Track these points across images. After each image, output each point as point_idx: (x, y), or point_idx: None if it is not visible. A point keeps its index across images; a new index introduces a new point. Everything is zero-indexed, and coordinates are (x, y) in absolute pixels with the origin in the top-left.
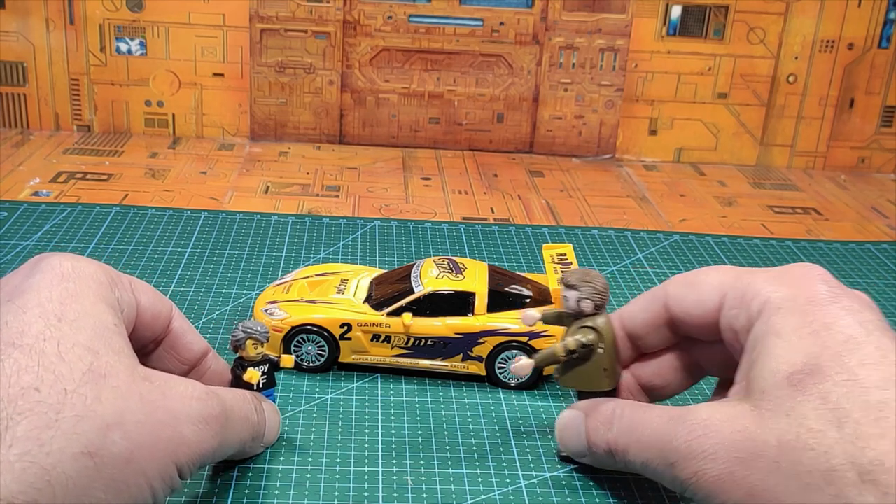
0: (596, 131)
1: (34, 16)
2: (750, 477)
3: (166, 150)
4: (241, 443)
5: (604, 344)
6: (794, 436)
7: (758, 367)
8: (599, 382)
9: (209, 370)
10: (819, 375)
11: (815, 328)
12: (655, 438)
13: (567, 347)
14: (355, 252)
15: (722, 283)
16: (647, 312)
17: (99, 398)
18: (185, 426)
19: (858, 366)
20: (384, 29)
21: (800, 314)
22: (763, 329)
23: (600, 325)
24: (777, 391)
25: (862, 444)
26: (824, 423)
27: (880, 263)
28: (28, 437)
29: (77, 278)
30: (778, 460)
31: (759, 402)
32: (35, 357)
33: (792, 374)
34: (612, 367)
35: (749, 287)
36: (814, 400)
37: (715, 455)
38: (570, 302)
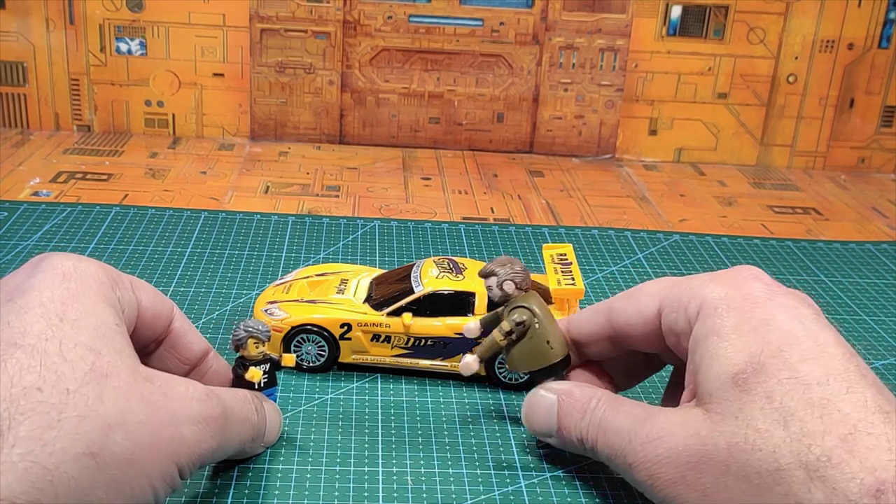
0: (596, 131)
1: (34, 16)
2: (702, 480)
3: (166, 150)
4: (241, 443)
5: (538, 318)
6: (742, 437)
7: (703, 370)
8: (547, 356)
9: (210, 370)
10: (763, 374)
11: (753, 325)
12: (618, 438)
13: (503, 330)
14: (355, 252)
15: (659, 291)
16: (591, 324)
17: (101, 398)
18: (186, 426)
19: (799, 362)
20: (384, 29)
21: (737, 312)
22: (703, 330)
23: (530, 303)
24: (723, 393)
25: (808, 442)
26: (771, 422)
27: (880, 263)
28: (30, 437)
29: (78, 278)
30: (728, 463)
31: (709, 406)
32: (37, 357)
33: (736, 374)
34: (556, 338)
35: (685, 290)
36: (760, 400)
37: (668, 460)
38: (494, 289)
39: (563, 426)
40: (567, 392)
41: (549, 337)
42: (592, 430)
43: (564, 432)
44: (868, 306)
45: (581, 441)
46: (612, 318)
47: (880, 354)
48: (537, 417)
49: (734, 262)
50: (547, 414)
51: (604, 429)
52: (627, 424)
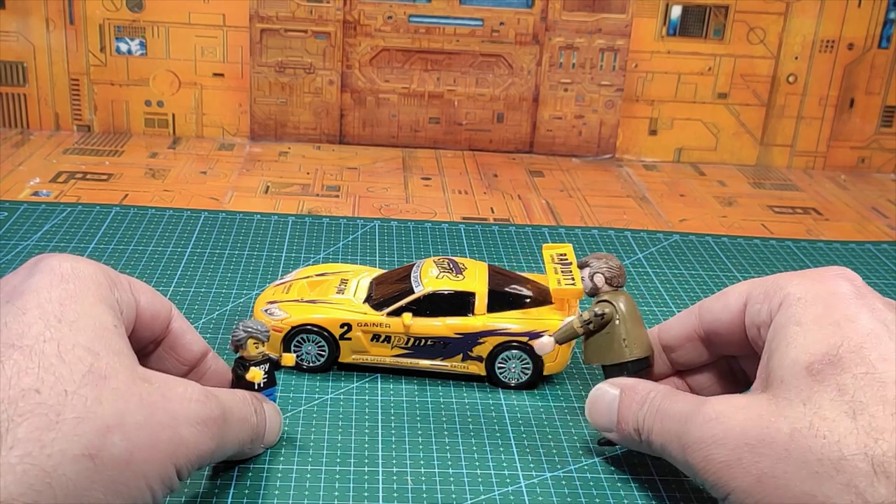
0: (596, 131)
1: (34, 16)
2: (759, 463)
3: (166, 150)
4: (240, 444)
5: (620, 315)
6: (807, 423)
7: (777, 356)
8: (621, 353)
9: (209, 370)
10: (839, 367)
11: (836, 319)
12: (674, 422)
13: (582, 318)
14: (355, 252)
15: (747, 287)
16: (682, 326)
17: (99, 399)
18: (184, 427)
19: (879, 360)
20: (384, 29)
21: (822, 305)
22: (783, 319)
23: (618, 301)
24: (795, 381)
25: (876, 436)
26: (839, 413)
27: (880, 263)
28: (29, 439)
29: (76, 279)
30: (788, 448)
31: (777, 392)
32: (35, 358)
33: (811, 363)
34: (633, 340)
35: (772, 284)
36: (831, 391)
37: (724, 441)
38: (586, 280)
39: (622, 418)
40: (630, 387)
41: (626, 335)
42: (649, 418)
43: (623, 424)
44: None
45: (637, 430)
46: (702, 317)
47: None
48: (599, 411)
49: (734, 262)
50: (608, 408)
51: (661, 415)
52: (685, 408)
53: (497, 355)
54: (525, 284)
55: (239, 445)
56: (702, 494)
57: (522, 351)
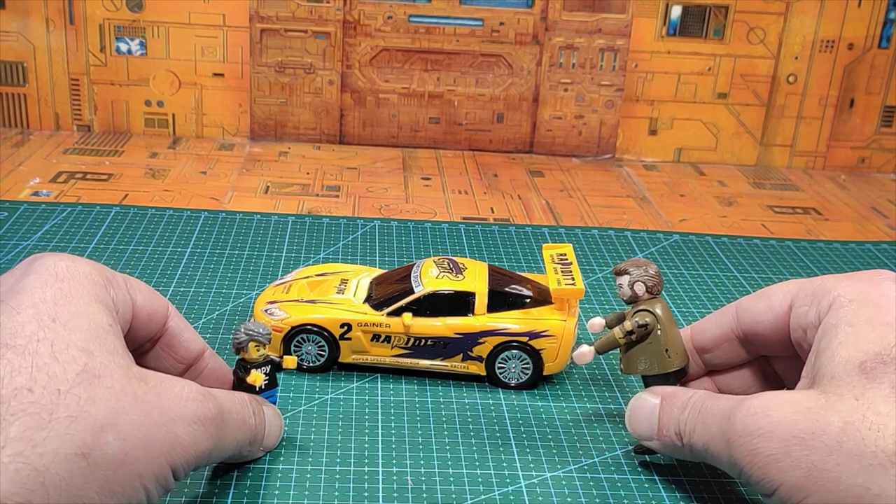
0: (596, 131)
1: (34, 16)
2: (810, 456)
3: (166, 150)
4: (238, 446)
5: (661, 324)
6: (860, 417)
7: (827, 354)
8: (665, 363)
9: (206, 369)
10: (892, 365)
11: (888, 320)
12: (718, 418)
13: (624, 329)
14: (355, 252)
15: (792, 288)
16: (718, 327)
17: (93, 399)
18: (180, 427)
19: None
20: (384, 29)
21: (873, 307)
22: (833, 320)
23: (656, 308)
24: (847, 377)
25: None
26: (893, 408)
27: (880, 263)
28: (21, 438)
29: (71, 278)
30: (840, 440)
31: (827, 388)
32: (29, 358)
33: (864, 361)
34: (676, 348)
35: (820, 286)
36: (885, 388)
37: (771, 433)
38: (625, 288)
39: (663, 424)
40: (670, 394)
41: (668, 345)
42: (691, 420)
43: (664, 430)
44: None
45: (679, 434)
46: (741, 318)
47: None
48: (640, 420)
49: (734, 262)
50: (649, 417)
51: (703, 415)
52: (728, 405)
53: (497, 355)
54: (525, 284)
55: (237, 447)
56: (702, 494)
57: (522, 351)
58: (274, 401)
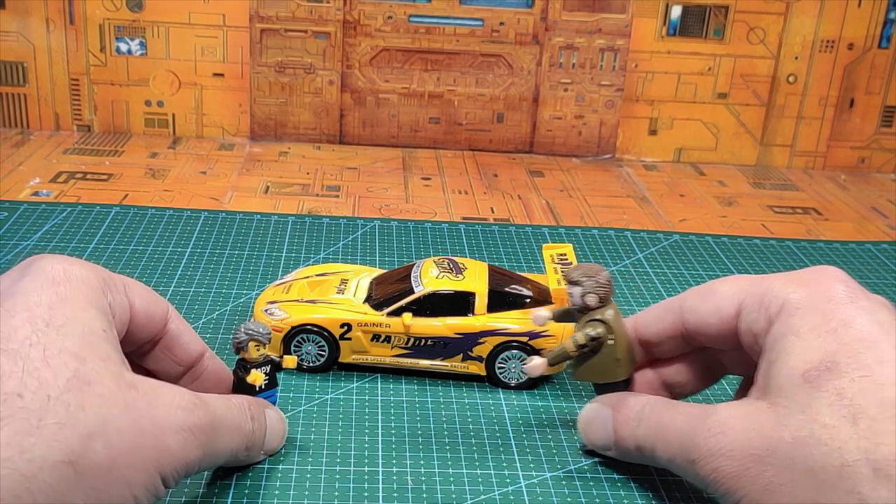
0: (596, 131)
1: (34, 16)
2: (765, 473)
3: (166, 150)
4: (232, 452)
5: (613, 335)
6: (808, 432)
7: (776, 366)
8: (614, 373)
9: (206, 371)
10: (836, 372)
11: (832, 326)
12: (678, 437)
13: (577, 342)
14: (355, 252)
15: (738, 291)
16: (662, 323)
17: (82, 405)
18: (170, 435)
19: (875, 363)
20: (384, 29)
21: (818, 313)
22: (781, 330)
23: (608, 317)
24: (793, 388)
25: (877, 441)
26: (839, 418)
27: (880, 263)
28: (9, 444)
29: (68, 282)
30: (792, 457)
31: (776, 400)
32: (20, 362)
33: (808, 370)
34: (625, 356)
35: (767, 290)
36: (829, 396)
37: (732, 453)
38: (576, 298)
39: (620, 437)
40: (621, 404)
41: (618, 355)
42: (650, 436)
43: (622, 443)
44: None
45: (639, 448)
46: (686, 317)
47: None
48: (595, 432)
49: (734, 262)
50: (604, 428)
51: (662, 432)
52: (687, 423)
53: (497, 355)
54: (525, 284)
55: (231, 453)
56: (701, 495)
57: (522, 351)
58: (274, 401)
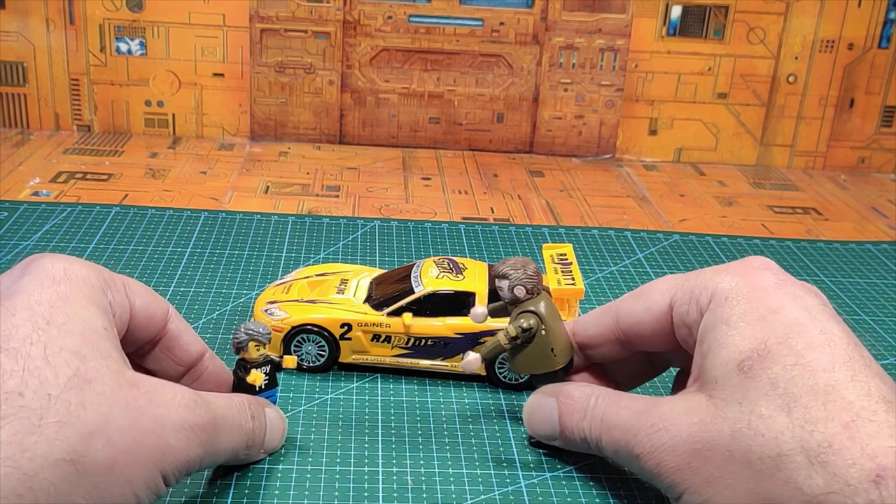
0: (596, 131)
1: (34, 16)
2: (706, 466)
3: (166, 150)
4: (233, 451)
5: (545, 325)
6: (745, 423)
7: (710, 357)
8: (550, 363)
9: (206, 371)
10: (768, 360)
11: (762, 313)
12: (623, 431)
13: (508, 334)
14: (355, 252)
15: (670, 287)
16: (598, 327)
17: (83, 404)
18: (171, 434)
19: (806, 349)
20: (384, 29)
21: (746, 301)
22: (713, 320)
23: (539, 307)
24: (729, 380)
25: (811, 428)
26: (774, 408)
27: (880, 263)
28: (11, 442)
29: (68, 281)
30: (731, 449)
31: (713, 392)
32: (20, 361)
33: (742, 361)
34: (561, 345)
35: (697, 282)
36: (764, 386)
37: (673, 448)
38: (505, 291)
39: (566, 428)
40: (566, 394)
41: (553, 344)
42: (595, 429)
43: (567, 434)
44: (868, 306)
45: (584, 440)
46: (621, 320)
47: (880, 354)
48: (540, 422)
49: None
50: (549, 418)
51: (607, 426)
52: (631, 418)
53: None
54: None
55: (232, 452)
56: None
57: None
58: (274, 400)
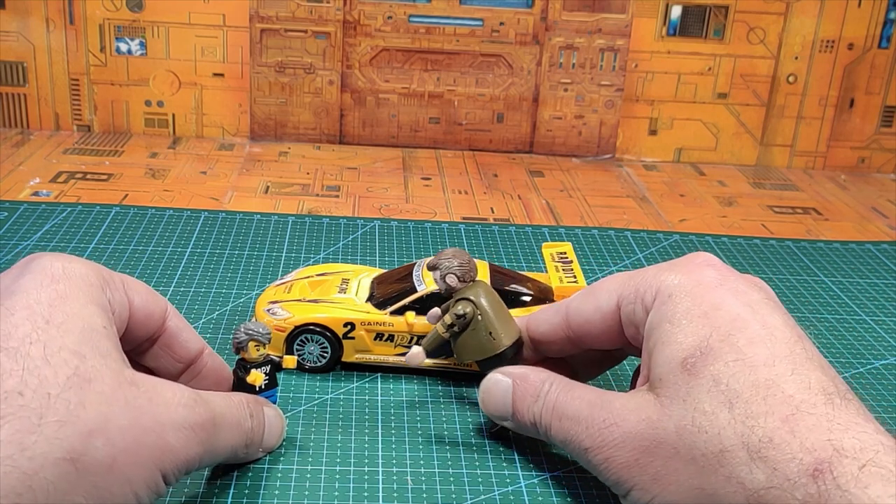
0: (596, 131)
1: (34, 16)
2: (653, 463)
3: (166, 150)
4: (232, 449)
5: (480, 310)
6: (689, 420)
7: (655, 355)
8: (490, 346)
9: (205, 368)
10: (710, 357)
11: (704, 310)
12: (574, 422)
13: (444, 323)
14: (355, 252)
15: (617, 286)
16: (550, 325)
17: (83, 403)
18: (170, 433)
19: (747, 344)
20: (384, 29)
21: (689, 298)
22: (657, 318)
23: (473, 294)
24: (673, 377)
25: (752, 423)
26: (717, 405)
27: (880, 263)
28: (10, 442)
29: (67, 279)
30: (676, 446)
31: (659, 391)
32: (20, 361)
33: (685, 358)
34: (501, 328)
35: (642, 281)
36: (707, 382)
37: (623, 444)
38: (438, 281)
39: (517, 410)
40: (521, 376)
41: (491, 328)
42: (546, 415)
43: (518, 416)
44: (868, 306)
45: (534, 424)
46: (571, 320)
47: (880, 354)
48: (493, 401)
49: (734, 262)
50: (503, 397)
51: (558, 414)
52: (583, 410)
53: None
54: (526, 283)
55: (231, 450)
56: None
57: None
58: (274, 400)
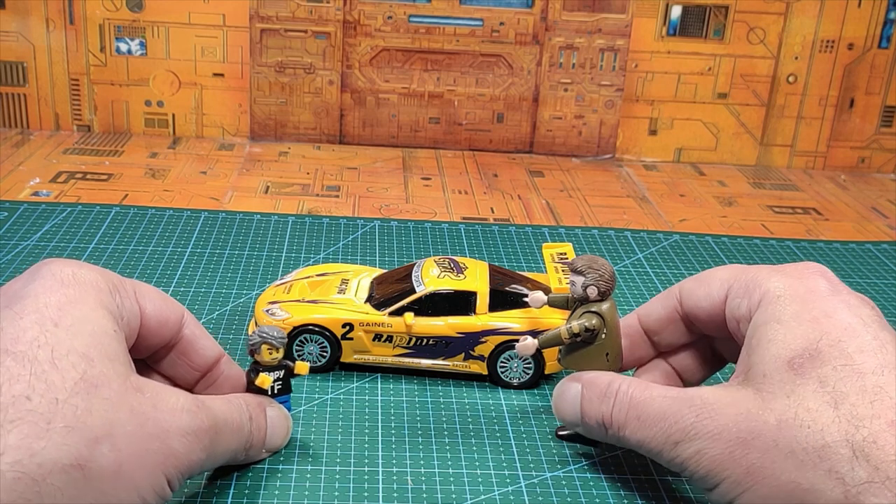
0: (596, 131)
1: (34, 16)
2: (748, 456)
3: (166, 150)
4: (232, 453)
5: (607, 330)
6: (792, 415)
7: (759, 352)
8: (601, 366)
9: (222, 375)
10: (819, 360)
11: (814, 315)
12: (659, 417)
13: (571, 331)
14: (355, 252)
15: (728, 277)
16: (663, 309)
17: (90, 409)
18: (175, 439)
19: (856, 352)
20: (384, 29)
21: (800, 303)
22: (763, 317)
23: (605, 310)
24: (778, 375)
25: (857, 423)
26: (822, 404)
27: (880, 263)
28: (20, 447)
29: (77, 284)
30: (776, 439)
31: (761, 386)
32: (28, 365)
33: (792, 358)
34: (615, 352)
35: (752, 278)
36: (813, 383)
37: (719, 435)
38: (577, 287)
39: (585, 412)
40: (589, 379)
41: (609, 349)
42: (620, 414)
43: (586, 418)
44: None
45: (603, 425)
46: (683, 301)
47: None
48: (565, 406)
49: (734, 262)
50: (573, 402)
51: (636, 413)
52: (669, 406)
53: (499, 354)
54: (526, 284)
55: (231, 454)
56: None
57: None
58: (287, 407)
